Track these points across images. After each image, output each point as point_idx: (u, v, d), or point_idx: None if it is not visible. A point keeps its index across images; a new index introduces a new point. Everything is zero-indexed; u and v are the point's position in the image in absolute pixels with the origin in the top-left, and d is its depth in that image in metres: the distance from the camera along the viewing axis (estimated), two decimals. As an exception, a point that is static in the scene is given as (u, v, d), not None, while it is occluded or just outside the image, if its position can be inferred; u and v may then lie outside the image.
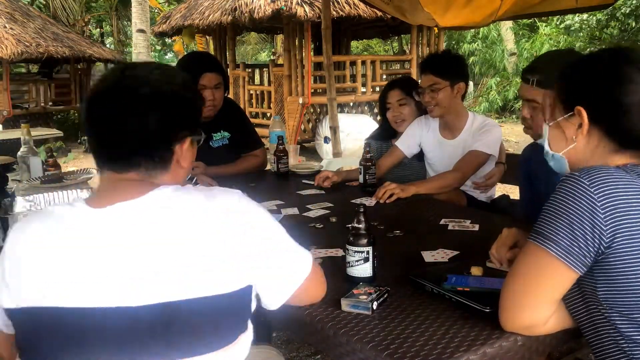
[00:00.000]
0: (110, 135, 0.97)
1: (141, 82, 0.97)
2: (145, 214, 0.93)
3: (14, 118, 10.47)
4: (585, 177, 1.00)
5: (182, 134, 1.01)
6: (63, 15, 14.98)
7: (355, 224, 1.36)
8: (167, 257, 0.90)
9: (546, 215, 1.03)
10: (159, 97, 0.97)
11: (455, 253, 1.55)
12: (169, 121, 0.99)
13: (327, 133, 7.79)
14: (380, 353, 1.04)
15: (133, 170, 0.98)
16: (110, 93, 0.97)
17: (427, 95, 2.45)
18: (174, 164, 1.01)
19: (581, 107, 1.09)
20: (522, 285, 1.04)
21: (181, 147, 1.02)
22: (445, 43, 14.65)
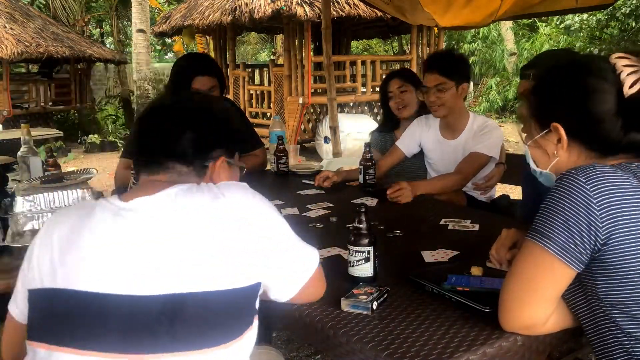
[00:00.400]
0: (150, 142, 1.09)
1: (185, 105, 1.13)
2: (158, 209, 0.99)
3: (14, 118, 10.47)
4: (581, 175, 1.00)
5: (215, 153, 1.11)
6: (63, 15, 14.97)
7: (356, 223, 1.36)
8: (176, 251, 0.94)
9: (543, 213, 1.03)
10: (196, 115, 1.11)
11: (455, 253, 1.55)
12: (203, 138, 1.10)
13: (327, 133, 7.79)
14: (380, 353, 1.04)
15: (163, 171, 1.07)
16: (154, 109, 1.13)
17: (432, 95, 2.43)
18: (206, 178, 1.10)
19: (556, 123, 1.10)
20: (521, 283, 1.04)
21: (214, 164, 1.11)
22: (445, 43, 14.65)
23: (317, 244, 1.64)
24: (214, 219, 0.97)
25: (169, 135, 1.07)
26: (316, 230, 1.87)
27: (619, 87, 1.04)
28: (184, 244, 0.95)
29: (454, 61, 2.49)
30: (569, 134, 1.10)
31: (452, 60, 2.51)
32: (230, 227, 0.98)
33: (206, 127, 1.11)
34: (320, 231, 1.86)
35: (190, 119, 1.09)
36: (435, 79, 2.42)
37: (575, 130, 1.09)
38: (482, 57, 15.18)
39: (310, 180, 2.61)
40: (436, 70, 2.42)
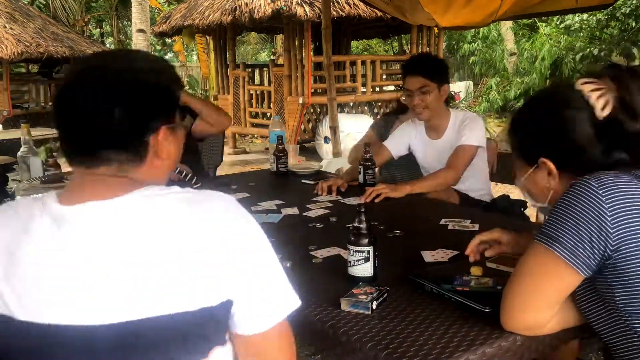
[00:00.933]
0: (75, 130, 0.89)
1: (103, 73, 0.90)
2: (116, 219, 0.83)
3: (14, 118, 10.46)
4: (594, 181, 1.00)
5: (154, 124, 0.91)
6: (63, 15, 14.98)
7: (356, 223, 1.36)
8: (133, 271, 0.80)
9: (553, 217, 1.03)
10: (121, 87, 0.88)
11: (455, 253, 1.55)
12: (136, 111, 0.89)
13: (327, 133, 7.79)
14: (379, 352, 1.04)
15: (103, 165, 0.88)
16: (74, 86, 0.90)
17: (416, 98, 2.44)
18: (150, 157, 0.91)
19: (543, 158, 1.12)
20: (526, 285, 1.04)
21: (155, 137, 0.91)
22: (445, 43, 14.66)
23: (317, 244, 1.65)
24: (180, 231, 0.82)
25: (98, 115, 0.87)
26: (316, 230, 1.87)
27: (591, 112, 1.06)
28: (143, 262, 0.80)
29: (435, 64, 2.53)
30: (557, 165, 1.12)
31: (433, 62, 2.54)
32: (199, 241, 0.82)
33: (138, 96, 0.89)
34: (320, 231, 1.86)
35: (115, 92, 0.88)
36: (418, 82, 2.44)
37: (562, 161, 1.12)
38: (482, 57, 15.18)
39: (310, 180, 2.61)
40: (419, 73, 2.44)
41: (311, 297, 1.29)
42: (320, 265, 1.51)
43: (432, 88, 2.42)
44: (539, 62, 13.32)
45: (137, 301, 0.80)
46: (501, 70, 14.64)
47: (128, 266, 0.80)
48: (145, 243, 0.81)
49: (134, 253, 0.81)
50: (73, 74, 0.93)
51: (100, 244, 0.82)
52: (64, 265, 0.81)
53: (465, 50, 15.47)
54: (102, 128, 0.87)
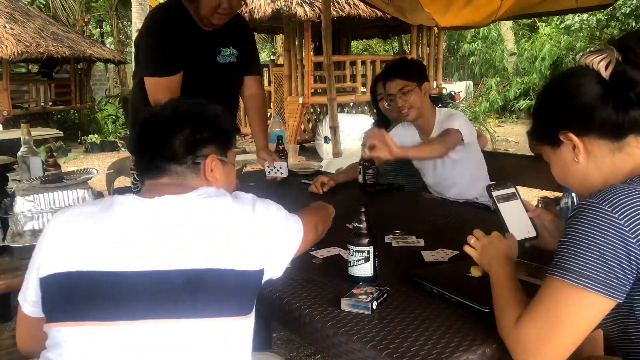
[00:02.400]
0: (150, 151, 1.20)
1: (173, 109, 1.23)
2: (186, 203, 1.10)
3: (14, 118, 10.45)
4: (603, 203, 0.96)
5: (206, 151, 1.20)
6: (63, 15, 14.98)
7: (356, 223, 1.36)
8: (196, 235, 1.06)
9: (571, 249, 0.97)
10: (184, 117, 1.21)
11: (455, 253, 1.55)
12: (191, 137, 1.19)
13: (327, 133, 7.79)
14: (379, 352, 1.04)
15: (164, 174, 1.17)
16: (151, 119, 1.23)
17: (399, 100, 2.46)
18: (207, 173, 1.20)
19: (564, 131, 1.10)
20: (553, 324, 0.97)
21: (204, 162, 1.20)
22: (445, 43, 14.67)
23: (317, 244, 1.65)
24: (231, 217, 1.11)
25: (161, 139, 1.18)
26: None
27: (598, 75, 1.06)
28: (203, 232, 1.07)
29: (409, 64, 2.57)
30: (578, 135, 1.09)
31: (407, 64, 2.58)
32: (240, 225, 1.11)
33: (193, 128, 1.20)
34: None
35: (178, 123, 1.20)
36: (398, 84, 2.46)
37: (580, 128, 1.09)
38: (482, 57, 15.20)
39: (310, 180, 2.61)
40: (397, 76, 2.48)
41: (311, 297, 1.29)
42: (320, 265, 1.51)
43: (412, 87, 2.44)
44: (539, 62, 13.33)
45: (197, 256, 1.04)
46: (501, 70, 14.66)
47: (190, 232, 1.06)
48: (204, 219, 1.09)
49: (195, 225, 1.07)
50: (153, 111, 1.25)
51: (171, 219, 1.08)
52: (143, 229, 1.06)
53: (465, 50, 15.48)
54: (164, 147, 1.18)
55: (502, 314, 1.07)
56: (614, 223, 0.94)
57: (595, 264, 0.94)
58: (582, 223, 0.97)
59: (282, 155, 2.77)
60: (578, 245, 0.96)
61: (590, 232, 0.96)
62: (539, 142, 1.19)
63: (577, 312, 0.96)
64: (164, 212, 1.09)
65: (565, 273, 0.97)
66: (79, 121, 12.38)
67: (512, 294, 1.10)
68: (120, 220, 1.08)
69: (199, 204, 1.12)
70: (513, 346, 1.01)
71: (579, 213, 0.99)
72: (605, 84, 1.05)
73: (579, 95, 1.07)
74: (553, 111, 1.14)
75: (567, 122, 1.10)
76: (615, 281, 0.94)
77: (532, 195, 4.21)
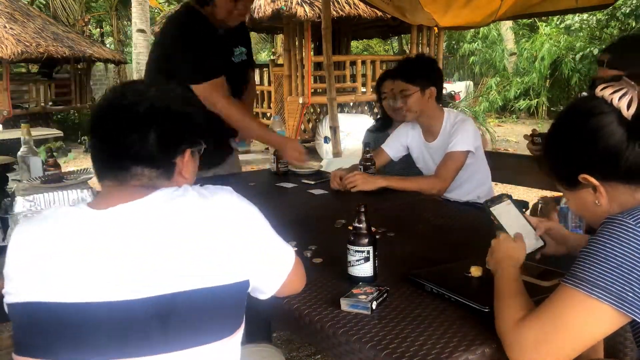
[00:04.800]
0: (112, 150, 1.03)
1: (139, 99, 1.03)
2: (144, 213, 0.97)
3: (14, 118, 10.46)
4: (628, 217, 0.95)
5: (182, 147, 1.07)
6: (63, 15, 14.98)
7: (356, 223, 1.36)
8: (162, 252, 0.94)
9: (588, 259, 0.96)
10: (156, 113, 1.03)
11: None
12: (168, 136, 1.03)
13: (327, 133, 7.79)
14: (379, 353, 1.04)
15: (134, 179, 1.02)
16: (112, 110, 1.04)
17: (398, 101, 2.47)
18: (176, 175, 1.07)
19: (584, 175, 1.06)
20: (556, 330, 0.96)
21: (182, 159, 1.07)
22: (445, 43, 14.66)
23: (317, 243, 1.65)
24: (200, 220, 0.98)
25: (133, 139, 1.01)
26: (316, 229, 1.87)
27: (619, 115, 1.01)
28: (170, 245, 0.94)
29: (417, 67, 2.51)
30: (600, 180, 1.05)
31: (415, 66, 2.52)
32: (216, 226, 0.99)
33: (169, 124, 1.04)
34: (320, 230, 1.86)
35: (152, 118, 1.02)
36: (398, 86, 2.47)
37: (602, 172, 1.05)
38: (482, 57, 15.19)
39: (310, 180, 2.61)
40: (399, 77, 2.47)
41: (311, 297, 1.29)
42: (320, 265, 1.51)
43: (413, 91, 2.42)
44: (538, 62, 13.33)
45: (164, 278, 0.92)
46: (501, 70, 14.65)
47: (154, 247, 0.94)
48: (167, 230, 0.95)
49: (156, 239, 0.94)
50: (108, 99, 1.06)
51: (128, 235, 0.95)
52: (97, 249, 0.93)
53: (465, 50, 15.48)
54: (136, 148, 1.01)
55: (503, 313, 1.06)
56: (636, 236, 0.93)
57: (611, 275, 0.92)
58: (603, 235, 0.96)
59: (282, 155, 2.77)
60: (596, 256, 0.95)
61: (609, 244, 0.94)
62: (555, 180, 1.15)
63: (583, 321, 0.95)
64: (120, 226, 0.95)
65: (579, 282, 0.95)
66: (79, 121, 12.39)
67: (516, 296, 1.09)
68: (75, 241, 0.95)
69: (160, 210, 0.97)
70: (511, 346, 1.00)
71: (603, 227, 0.97)
72: (629, 125, 1.01)
73: (602, 138, 1.02)
74: (573, 154, 1.08)
75: (588, 166, 1.06)
76: (630, 295, 0.91)
77: (532, 195, 4.21)
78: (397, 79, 2.47)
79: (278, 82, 9.34)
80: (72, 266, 0.93)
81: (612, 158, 1.02)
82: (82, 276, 0.92)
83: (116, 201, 0.98)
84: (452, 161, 2.38)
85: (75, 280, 0.92)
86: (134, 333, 0.91)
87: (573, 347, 0.96)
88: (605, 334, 0.97)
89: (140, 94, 1.04)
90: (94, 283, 0.92)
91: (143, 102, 1.02)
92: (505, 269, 1.17)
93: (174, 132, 1.05)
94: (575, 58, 12.88)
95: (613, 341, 1.51)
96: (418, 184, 2.33)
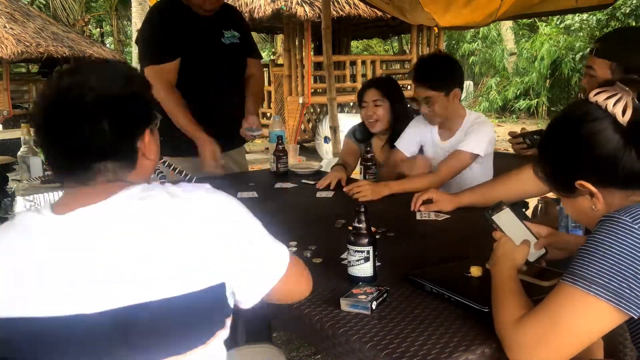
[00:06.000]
0: (70, 151, 0.93)
1: (82, 91, 0.92)
2: (103, 218, 0.90)
3: (14, 118, 10.47)
4: (625, 215, 0.95)
5: (140, 130, 0.99)
6: (63, 15, 15.00)
7: (356, 223, 1.36)
8: (123, 261, 0.87)
9: (587, 258, 0.96)
10: (105, 102, 0.93)
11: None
12: (124, 122, 0.95)
13: (327, 133, 7.79)
14: (379, 353, 1.04)
15: (99, 176, 0.94)
16: (58, 108, 0.93)
17: (423, 107, 2.43)
18: (140, 159, 0.99)
19: (581, 181, 1.06)
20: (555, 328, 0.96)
21: (143, 141, 0.99)
22: (445, 43, 14.65)
23: (318, 243, 1.65)
24: (165, 221, 0.90)
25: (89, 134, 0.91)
26: (316, 229, 1.87)
27: (613, 120, 1.01)
28: (129, 251, 0.87)
29: (441, 71, 2.44)
30: (596, 185, 1.05)
31: (439, 69, 2.45)
32: (184, 225, 0.90)
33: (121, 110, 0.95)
34: (320, 230, 1.86)
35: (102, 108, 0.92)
36: (422, 92, 2.40)
37: (599, 178, 1.05)
38: (482, 57, 15.19)
39: (310, 180, 2.61)
40: (424, 83, 2.40)
41: (311, 297, 1.29)
42: (320, 265, 1.51)
43: (438, 97, 2.37)
44: (538, 62, 13.33)
45: (121, 290, 0.86)
46: (501, 70, 14.65)
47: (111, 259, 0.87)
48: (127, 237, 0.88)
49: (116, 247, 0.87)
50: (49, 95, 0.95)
51: (87, 244, 0.88)
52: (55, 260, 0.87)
53: (465, 50, 15.47)
54: (94, 143, 0.92)
55: (501, 313, 1.06)
56: (633, 234, 0.93)
57: (609, 272, 0.93)
58: (600, 233, 0.96)
59: (281, 155, 2.77)
60: (593, 254, 0.95)
61: (606, 241, 0.94)
62: (551, 185, 1.15)
63: (582, 319, 0.95)
64: (77, 234, 0.88)
65: (577, 279, 0.95)
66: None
67: (514, 295, 1.09)
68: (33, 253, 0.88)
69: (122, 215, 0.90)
70: (510, 345, 1.00)
71: (600, 225, 0.97)
72: (624, 131, 1.00)
73: (597, 144, 1.02)
74: (568, 160, 1.08)
75: (584, 172, 1.06)
76: (627, 292, 0.91)
77: (532, 195, 4.20)
78: (423, 85, 2.39)
79: (278, 82, 9.34)
80: (33, 280, 0.87)
81: (608, 165, 1.02)
82: (43, 290, 0.87)
83: (77, 204, 0.91)
84: (456, 160, 2.36)
85: (38, 294, 0.87)
86: (100, 347, 0.86)
87: (572, 345, 0.96)
88: (604, 332, 0.97)
89: (82, 85, 0.92)
90: (55, 297, 0.86)
91: (88, 94, 0.92)
92: (503, 269, 1.18)
93: (128, 116, 0.96)
94: (575, 58, 12.87)
95: (613, 342, 1.51)
96: (417, 184, 2.31)
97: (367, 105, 2.72)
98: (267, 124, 7.53)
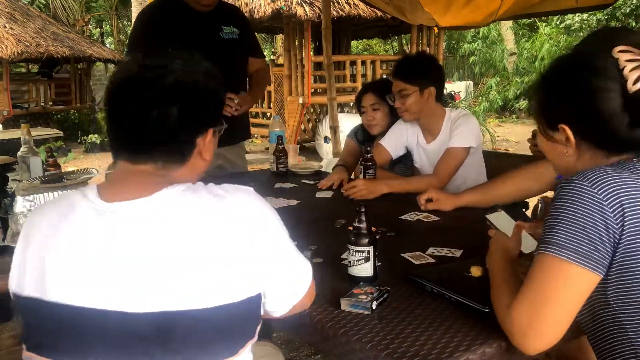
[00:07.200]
0: (132, 127, 0.94)
1: (163, 72, 0.94)
2: (149, 217, 0.89)
3: (14, 118, 10.46)
4: (583, 180, 0.99)
5: (205, 126, 0.99)
6: (63, 15, 14.99)
7: (356, 223, 1.36)
8: (170, 265, 0.87)
9: (555, 225, 0.99)
10: (182, 88, 0.94)
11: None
12: (192, 113, 0.95)
13: (327, 133, 7.79)
14: (379, 353, 1.04)
15: (150, 162, 0.95)
16: (132, 83, 0.94)
17: (397, 101, 2.45)
18: (193, 157, 0.98)
19: (563, 124, 1.08)
20: (544, 300, 0.98)
21: (204, 139, 0.98)
22: (445, 43, 14.66)
23: (318, 243, 1.65)
24: (213, 224, 0.89)
25: (156, 115, 0.92)
26: (317, 229, 1.87)
27: (623, 83, 1.02)
28: (177, 256, 0.87)
29: (416, 66, 2.46)
30: (577, 134, 1.08)
31: (415, 65, 2.48)
32: (231, 231, 0.90)
33: (195, 101, 0.95)
34: (320, 230, 1.85)
35: (178, 94, 0.93)
36: (397, 85, 2.43)
37: (583, 131, 1.07)
38: (482, 57, 15.18)
39: (310, 180, 2.61)
40: (398, 77, 2.43)
41: (311, 297, 1.29)
42: (320, 265, 1.51)
43: (411, 91, 2.39)
44: (538, 62, 13.32)
45: (166, 295, 0.86)
46: (501, 70, 14.65)
47: (158, 262, 0.86)
48: (174, 241, 0.87)
49: (163, 250, 0.87)
50: (127, 71, 0.96)
51: (133, 242, 0.88)
52: (101, 253, 0.87)
53: (465, 50, 15.47)
54: (159, 125, 0.92)
55: (497, 301, 1.09)
56: (594, 198, 0.97)
57: (578, 237, 0.96)
58: (564, 199, 1.00)
59: (281, 155, 2.77)
60: (561, 220, 0.99)
61: (571, 207, 0.98)
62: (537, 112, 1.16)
63: (565, 286, 0.98)
64: (123, 229, 0.88)
65: (549, 247, 0.99)
66: (79, 121, 12.39)
67: (505, 282, 1.12)
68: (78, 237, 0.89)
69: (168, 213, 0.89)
70: (509, 330, 1.02)
71: (562, 191, 1.01)
72: (628, 98, 1.02)
73: (599, 100, 1.03)
74: (566, 102, 1.09)
75: (574, 120, 1.08)
76: (596, 254, 0.96)
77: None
78: (397, 78, 2.44)
79: (278, 82, 9.34)
80: (72, 267, 0.88)
81: (600, 122, 1.05)
82: (81, 279, 0.87)
83: (125, 193, 0.91)
84: (451, 158, 2.37)
85: (75, 282, 0.88)
86: (135, 346, 0.87)
87: (565, 314, 0.99)
88: (585, 296, 0.99)
89: (165, 67, 0.94)
90: (93, 288, 0.87)
91: (168, 76, 0.93)
92: (496, 259, 1.22)
93: (199, 109, 0.96)
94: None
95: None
96: (417, 185, 2.32)
97: (365, 111, 2.74)
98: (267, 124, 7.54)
